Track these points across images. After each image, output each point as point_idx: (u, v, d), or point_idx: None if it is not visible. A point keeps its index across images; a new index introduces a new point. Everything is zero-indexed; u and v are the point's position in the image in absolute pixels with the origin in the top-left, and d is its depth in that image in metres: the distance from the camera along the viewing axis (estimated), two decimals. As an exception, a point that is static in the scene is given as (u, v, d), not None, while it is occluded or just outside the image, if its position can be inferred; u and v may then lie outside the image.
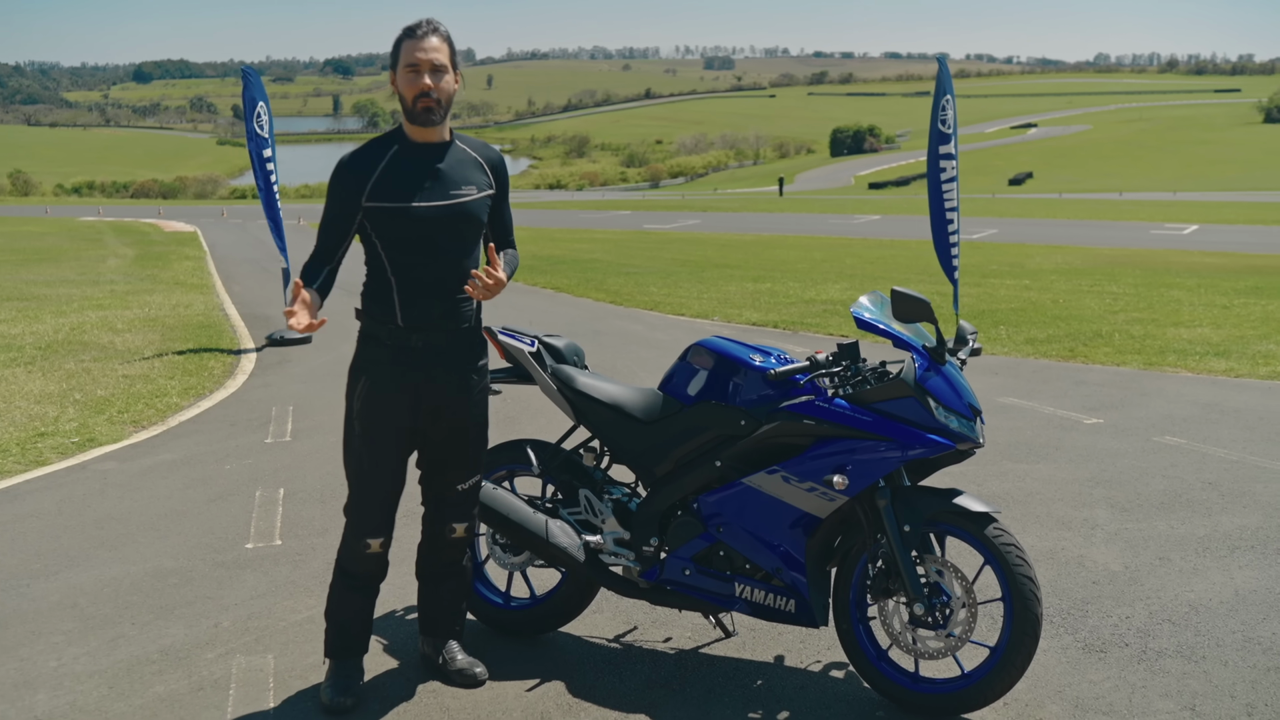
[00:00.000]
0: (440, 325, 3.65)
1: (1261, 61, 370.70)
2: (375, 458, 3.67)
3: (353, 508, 3.74)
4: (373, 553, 3.73)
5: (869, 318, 3.67)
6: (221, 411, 8.49)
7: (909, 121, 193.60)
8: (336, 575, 3.82)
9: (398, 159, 3.59)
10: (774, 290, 17.24)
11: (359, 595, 3.81)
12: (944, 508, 3.59)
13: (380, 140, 3.65)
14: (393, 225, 3.55)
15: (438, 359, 3.66)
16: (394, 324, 3.61)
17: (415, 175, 3.57)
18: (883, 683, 3.72)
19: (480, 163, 3.73)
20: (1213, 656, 4.07)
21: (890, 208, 52.51)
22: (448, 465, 3.80)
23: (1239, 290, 16.59)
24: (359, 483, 3.72)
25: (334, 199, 3.60)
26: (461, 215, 3.62)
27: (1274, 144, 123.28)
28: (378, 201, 3.54)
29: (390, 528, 3.75)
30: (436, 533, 3.90)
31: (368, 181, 3.55)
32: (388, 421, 3.64)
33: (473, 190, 3.66)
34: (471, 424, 3.79)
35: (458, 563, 3.97)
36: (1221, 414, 7.92)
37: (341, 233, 3.61)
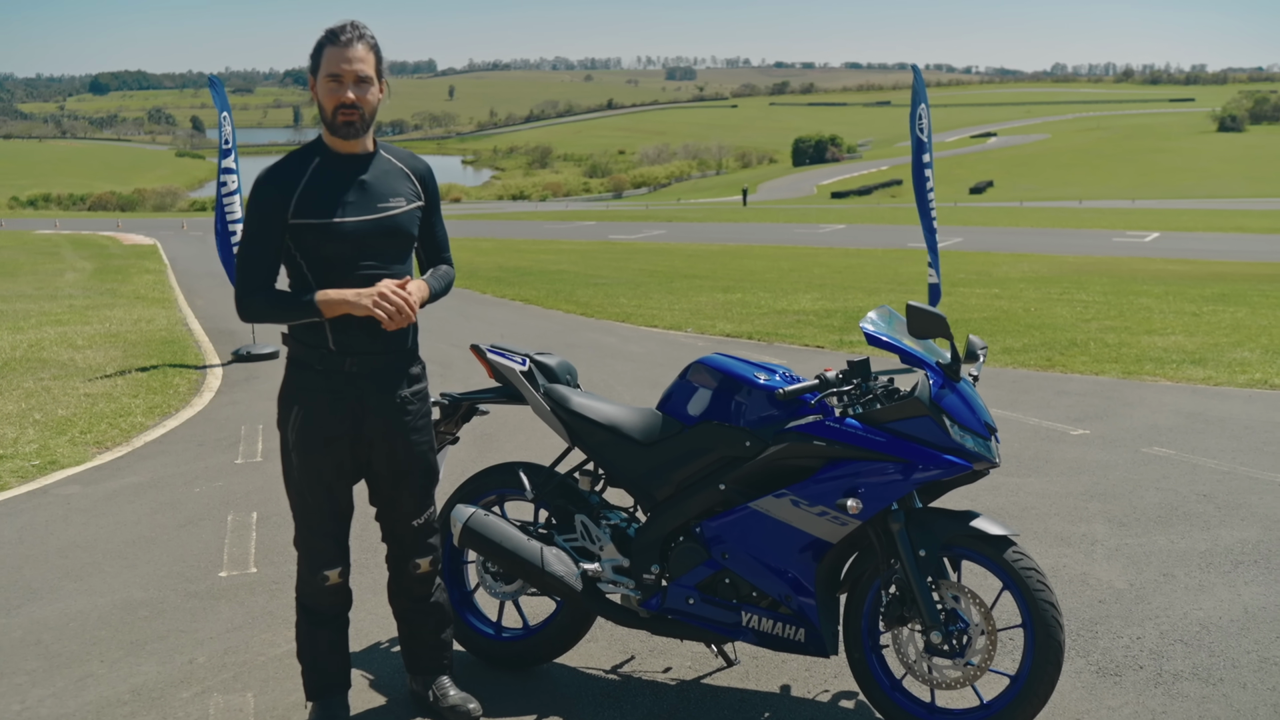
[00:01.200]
0: (374, 348, 3.42)
1: (1214, 71, 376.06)
2: (317, 489, 3.46)
3: (302, 541, 3.53)
4: (332, 585, 3.52)
5: (880, 333, 3.52)
6: (189, 431, 8.24)
7: (870, 131, 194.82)
8: (300, 614, 3.61)
9: (320, 172, 3.35)
10: (745, 301, 17.12)
11: (328, 630, 3.60)
12: (961, 531, 3.44)
13: (300, 153, 3.41)
14: (318, 243, 3.31)
15: (373, 384, 3.44)
16: (325, 349, 3.39)
17: (340, 188, 3.34)
18: (897, 714, 3.56)
19: (406, 173, 3.52)
20: (1230, 679, 3.94)
21: (854, 217, 52.64)
22: (398, 501, 3.60)
23: (1206, 297, 16.64)
24: (305, 516, 3.51)
25: (256, 218, 3.33)
26: (390, 229, 3.40)
27: (1228, 152, 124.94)
28: (303, 218, 3.30)
29: (345, 556, 3.55)
30: (401, 570, 3.71)
31: (291, 197, 3.31)
32: (326, 452, 3.43)
33: (401, 202, 3.44)
34: (416, 453, 3.57)
35: (428, 598, 3.76)
36: (1206, 423, 7.85)
37: (270, 253, 3.34)
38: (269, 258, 3.35)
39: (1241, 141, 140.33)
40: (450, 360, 11.35)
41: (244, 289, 3.35)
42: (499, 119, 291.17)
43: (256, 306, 3.33)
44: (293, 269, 3.40)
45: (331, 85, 3.31)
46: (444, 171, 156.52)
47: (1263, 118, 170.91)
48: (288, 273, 3.43)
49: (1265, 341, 11.71)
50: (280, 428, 3.51)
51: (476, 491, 4.17)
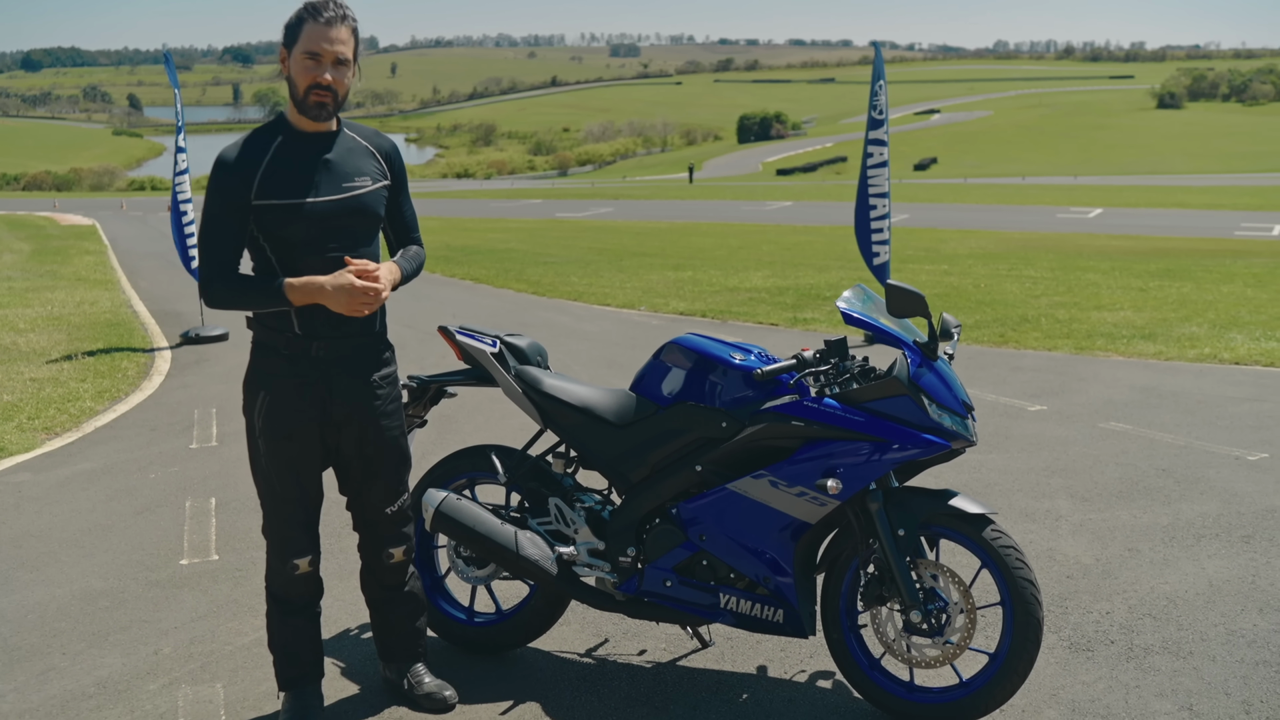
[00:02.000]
0: (342, 331, 3.33)
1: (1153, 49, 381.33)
2: (286, 477, 3.37)
3: (271, 530, 3.45)
4: (302, 573, 3.45)
5: (857, 312, 3.50)
6: (140, 415, 8.08)
7: (815, 108, 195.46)
8: (270, 604, 3.53)
9: (284, 150, 3.25)
10: (696, 279, 17.11)
11: (300, 619, 3.52)
12: (939, 510, 3.44)
13: (262, 131, 3.30)
14: (283, 224, 3.20)
15: (341, 367, 3.36)
16: (290, 332, 3.30)
17: (304, 168, 3.24)
18: (876, 693, 3.56)
19: (372, 151, 3.42)
20: (1200, 652, 3.98)
21: (800, 194, 52.80)
22: (369, 488, 3.52)
23: (1151, 273, 16.87)
24: (273, 504, 3.41)
25: (217, 200, 3.21)
26: (357, 209, 3.31)
27: (1167, 129, 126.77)
28: (266, 199, 3.19)
29: (316, 544, 3.48)
30: (374, 559, 3.64)
31: (254, 177, 3.20)
32: (294, 438, 3.33)
33: (367, 181, 3.35)
34: (387, 439, 3.50)
35: (401, 587, 3.70)
36: (1160, 398, 7.94)
37: (233, 237, 3.23)
38: (231, 241, 3.24)
39: (1180, 118, 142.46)
40: (403, 341, 11.20)
41: (206, 274, 3.24)
42: (442, 96, 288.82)
43: (220, 293, 3.23)
44: (255, 252, 3.30)
45: (309, 63, 3.20)
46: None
47: (1200, 95, 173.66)
48: (251, 256, 3.33)
49: (1212, 316, 11.89)
50: (246, 414, 3.41)
51: (446, 475, 4.11)
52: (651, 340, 11.06)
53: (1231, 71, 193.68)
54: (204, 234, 3.24)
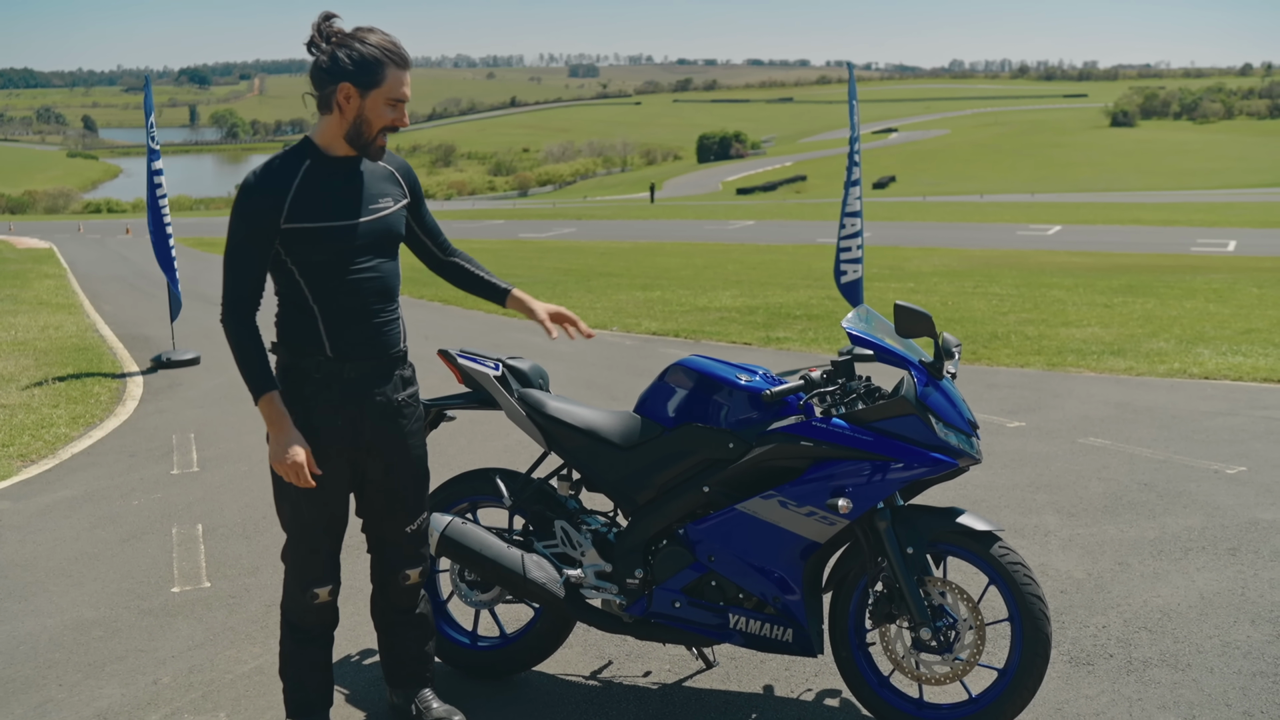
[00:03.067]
0: (372, 353, 3.35)
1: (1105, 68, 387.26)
2: (315, 502, 3.35)
3: (293, 557, 3.43)
4: (321, 603, 3.43)
5: (862, 333, 3.54)
6: (117, 441, 7.99)
7: (773, 127, 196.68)
8: (285, 631, 3.51)
9: (312, 175, 3.27)
10: (665, 298, 17.15)
11: (314, 648, 3.50)
12: (947, 528, 3.48)
13: (288, 155, 3.31)
14: (313, 247, 3.22)
15: (371, 389, 3.37)
16: (322, 355, 3.30)
17: (333, 191, 3.27)
18: (886, 711, 3.58)
19: (392, 172, 3.46)
20: (1197, 664, 4.04)
21: (762, 213, 53.07)
22: (391, 507, 3.52)
23: (1115, 289, 17.09)
24: (298, 531, 3.39)
25: (244, 224, 3.20)
26: (382, 230, 3.35)
27: (1121, 146, 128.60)
28: (297, 222, 3.21)
29: (337, 573, 3.46)
30: (388, 581, 3.62)
31: (284, 201, 3.21)
32: (324, 464, 3.32)
33: (389, 203, 3.40)
34: (413, 457, 3.51)
35: (414, 609, 3.69)
36: (1135, 413, 8.05)
37: (259, 262, 3.23)
38: (257, 265, 3.24)
39: (1133, 136, 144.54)
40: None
41: (230, 299, 3.25)
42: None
43: (233, 332, 3.24)
44: (281, 275, 3.30)
45: (389, 108, 3.26)
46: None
47: (1153, 113, 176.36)
48: (274, 279, 3.33)
49: (1178, 331, 12.06)
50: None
51: (448, 499, 4.10)
52: (627, 361, 11.09)
53: (1182, 90, 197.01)
54: (230, 259, 3.24)
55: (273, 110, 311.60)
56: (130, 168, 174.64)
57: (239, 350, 3.23)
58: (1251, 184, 77.80)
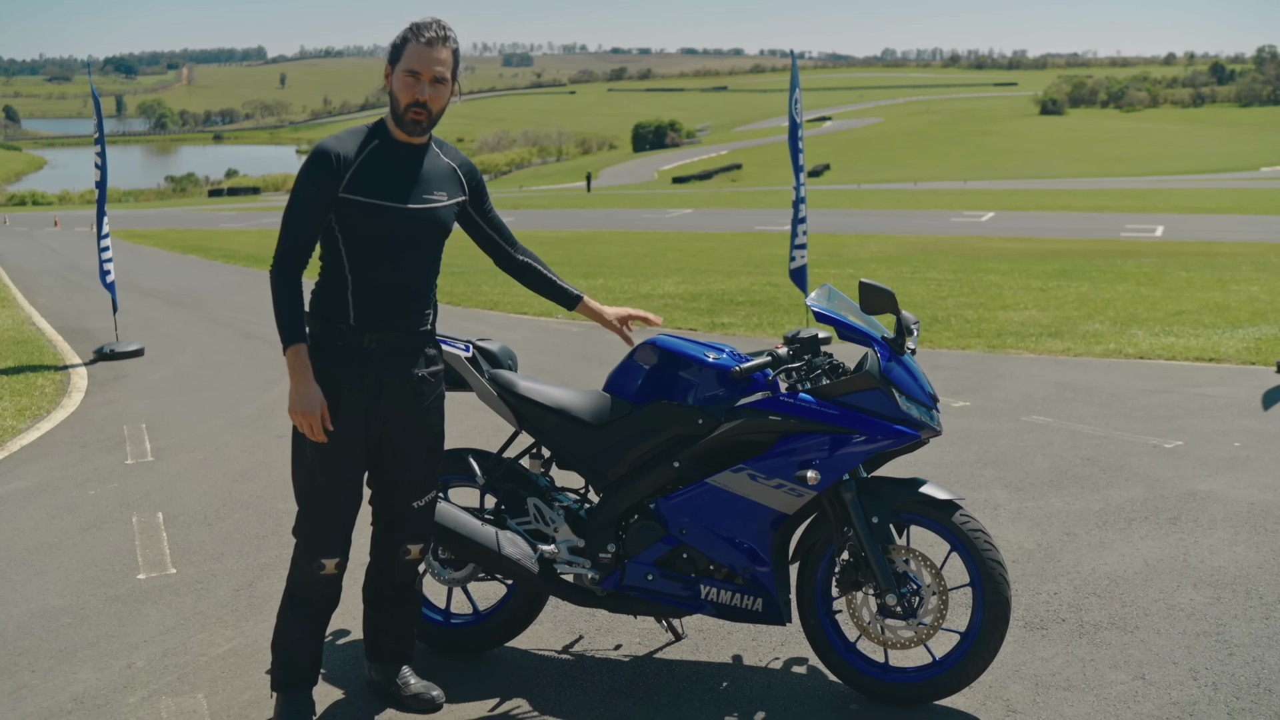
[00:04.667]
0: (396, 326, 3.46)
1: (1034, 57, 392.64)
2: (331, 472, 3.44)
3: (304, 527, 3.49)
4: (327, 574, 3.50)
5: (827, 310, 3.66)
6: (66, 433, 7.93)
7: (708, 116, 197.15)
8: (285, 602, 3.58)
9: (377, 153, 3.41)
10: (608, 286, 17.24)
11: (311, 623, 3.58)
12: (910, 497, 3.61)
13: (362, 130, 3.48)
14: (361, 220, 3.35)
15: (394, 362, 3.47)
16: (346, 324, 3.41)
17: (393, 173, 3.41)
18: (853, 675, 3.71)
19: (455, 170, 3.59)
20: (1145, 626, 4.22)
21: (698, 201, 53.32)
22: (404, 480, 3.60)
23: (1049, 273, 17.45)
24: (311, 499, 3.47)
25: (308, 184, 3.35)
26: (431, 220, 3.46)
27: (1050, 134, 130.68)
28: (353, 194, 3.35)
29: (346, 548, 3.53)
30: (388, 553, 3.69)
31: (347, 171, 3.36)
32: (343, 432, 3.41)
33: (443, 197, 3.51)
34: (429, 433, 3.61)
35: (410, 585, 3.77)
36: (1075, 392, 8.28)
37: (313, 221, 3.36)
38: (312, 225, 3.36)
39: (1062, 124, 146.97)
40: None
41: (281, 252, 3.36)
42: (333, 107, 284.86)
43: (280, 283, 3.34)
44: (327, 243, 3.42)
45: (409, 80, 3.36)
46: (279, 161, 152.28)
47: (1081, 101, 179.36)
48: (321, 246, 3.44)
49: (1112, 314, 12.38)
50: None
51: (419, 480, 4.15)
52: (573, 347, 11.17)
53: (1109, 79, 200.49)
54: (288, 214, 3.37)
55: (202, 100, 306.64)
56: (55, 159, 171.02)
57: (279, 299, 3.33)
58: (1177, 170, 79.49)
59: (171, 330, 13.35)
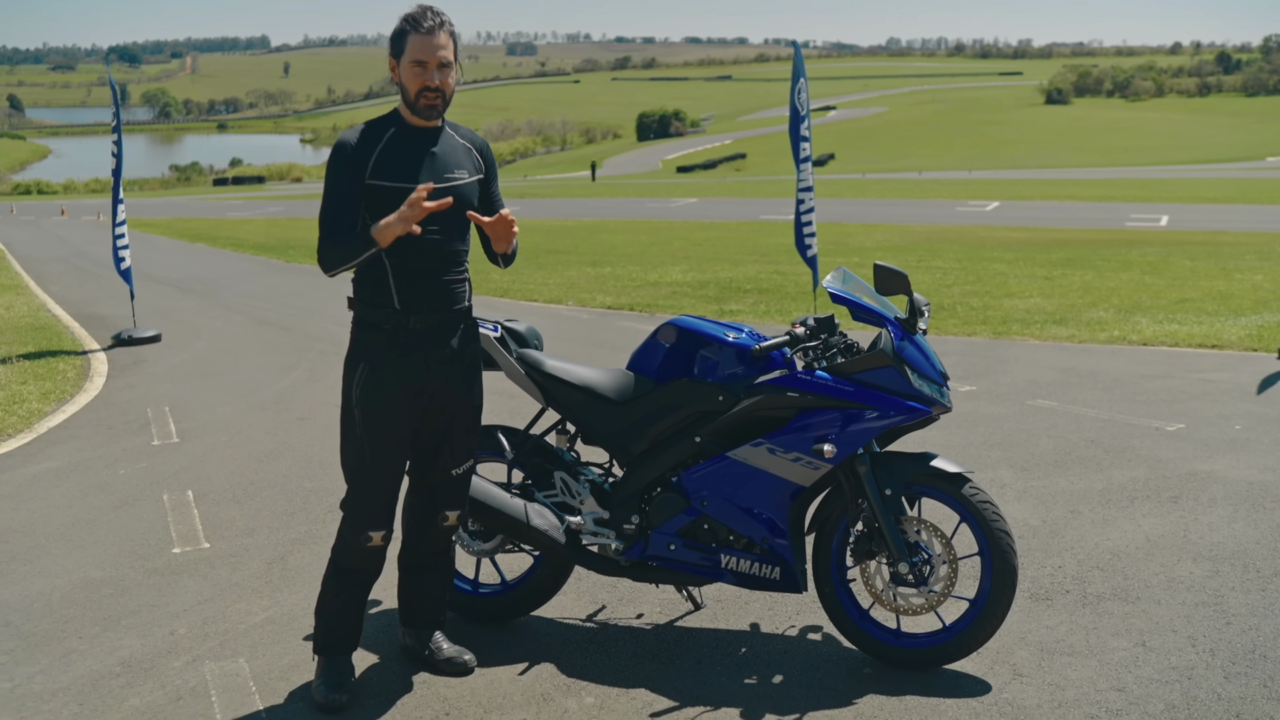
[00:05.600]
0: (437, 307, 3.64)
1: (1040, 46, 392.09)
2: (379, 447, 3.62)
3: (353, 501, 3.67)
4: (374, 546, 3.68)
5: (842, 292, 3.82)
6: (92, 415, 8.11)
7: (712, 105, 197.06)
8: (330, 571, 3.76)
9: (396, 140, 3.59)
10: (616, 274, 17.40)
11: (357, 591, 3.76)
12: (921, 470, 3.78)
13: (379, 121, 3.65)
14: (389, 204, 3.52)
15: (436, 341, 3.64)
16: (391, 308, 3.59)
17: (412, 157, 3.59)
18: (867, 641, 3.89)
19: (470, 148, 3.75)
20: (1146, 597, 4.39)
21: (703, 191, 53.43)
22: (443, 450, 3.77)
23: (1053, 262, 17.59)
24: (361, 474, 3.65)
25: (337, 177, 3.55)
26: (455, 197, 3.62)
27: (1055, 124, 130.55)
28: (379, 180, 3.54)
29: (391, 520, 3.70)
30: (425, 520, 3.86)
31: (369, 160, 3.54)
32: (390, 408, 3.59)
33: (464, 174, 3.68)
34: (470, 406, 3.79)
35: (445, 552, 3.95)
36: (1079, 377, 8.44)
37: (349, 207, 3.54)
38: (348, 214, 3.54)
39: (1067, 114, 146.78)
40: (340, 339, 11.23)
41: (323, 242, 3.54)
42: (337, 96, 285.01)
43: (327, 252, 3.53)
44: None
45: (417, 70, 3.52)
46: (283, 151, 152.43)
47: (1086, 91, 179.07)
48: None
49: (1116, 302, 12.53)
50: (344, 387, 3.67)
51: (449, 455, 4.32)
52: (584, 334, 11.34)
53: (1114, 68, 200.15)
54: (323, 209, 3.56)
55: (205, 89, 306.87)
56: (59, 148, 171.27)
57: (342, 249, 3.50)
58: (1182, 160, 79.50)
59: (186, 317, 13.52)
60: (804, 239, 10.95)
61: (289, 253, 23.23)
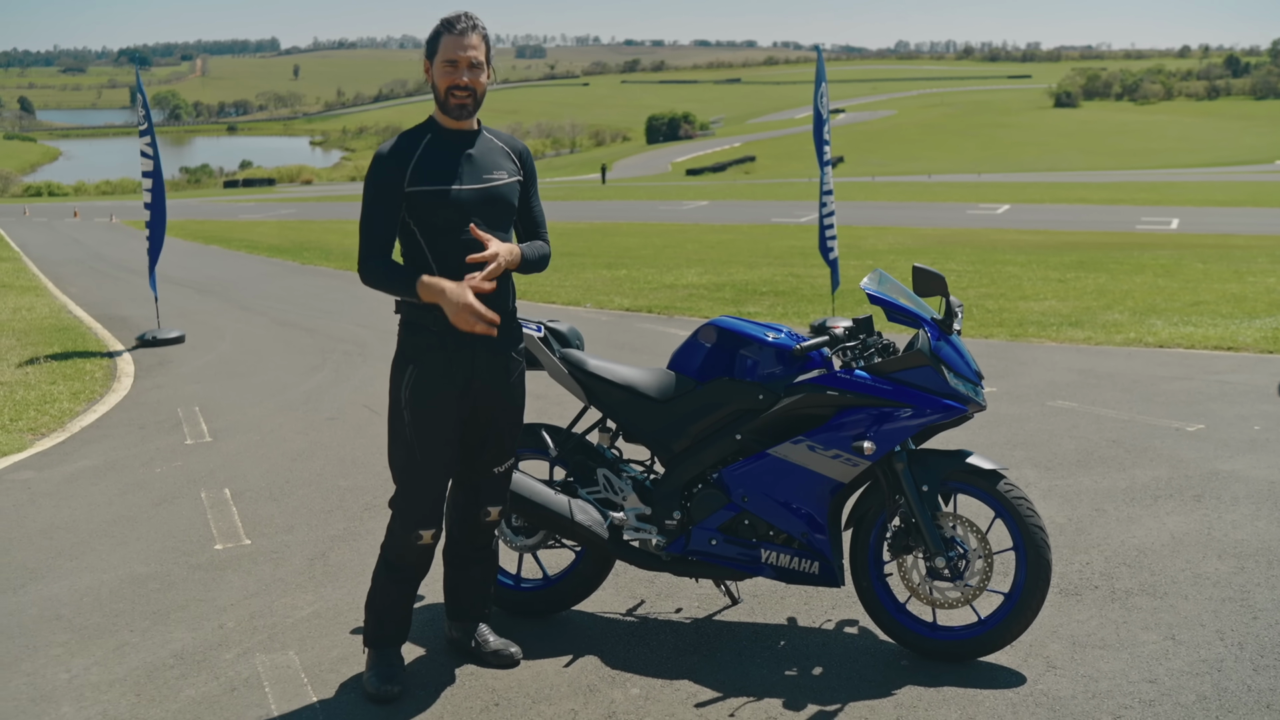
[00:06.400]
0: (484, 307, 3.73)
1: (1048, 49, 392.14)
2: (429, 447, 3.71)
3: (403, 500, 3.76)
4: (424, 544, 3.77)
5: (879, 293, 3.92)
6: (123, 415, 8.23)
7: (721, 108, 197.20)
8: (380, 568, 3.85)
9: (433, 146, 3.68)
10: (632, 277, 17.50)
11: (406, 586, 3.86)
12: (957, 467, 3.88)
13: (414, 130, 3.74)
14: (432, 209, 3.61)
15: (483, 342, 3.73)
16: (439, 311, 3.67)
17: (450, 160, 3.67)
18: (903, 633, 3.98)
19: (508, 151, 3.83)
20: (1173, 592, 4.48)
21: (714, 194, 53.52)
22: (487, 448, 3.87)
23: (1066, 265, 17.65)
24: (411, 474, 3.74)
25: (376, 189, 3.64)
26: (495, 198, 3.71)
27: (1064, 126, 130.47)
28: (418, 186, 3.62)
29: (441, 518, 3.79)
30: (470, 516, 3.96)
31: (407, 168, 3.63)
32: (439, 408, 3.68)
33: (503, 175, 3.76)
34: (514, 405, 3.88)
35: (488, 546, 4.05)
36: (1098, 379, 8.53)
37: (390, 221, 3.63)
38: (388, 224, 3.64)
39: (1076, 117, 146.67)
40: (363, 340, 11.46)
41: (365, 252, 3.63)
42: (347, 99, 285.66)
43: (374, 270, 3.61)
44: (405, 236, 3.68)
45: (448, 69, 3.61)
46: (292, 153, 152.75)
47: (1095, 94, 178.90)
48: (400, 240, 3.70)
49: (1131, 304, 12.61)
50: (393, 389, 3.75)
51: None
52: (605, 335, 11.44)
53: (1123, 71, 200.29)
54: (364, 219, 3.65)
55: (216, 92, 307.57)
56: (70, 150, 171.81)
57: (386, 277, 3.60)
58: (1191, 164, 79.47)
59: (207, 318, 13.65)
60: (826, 241, 11.05)
61: (304, 255, 23.38)
